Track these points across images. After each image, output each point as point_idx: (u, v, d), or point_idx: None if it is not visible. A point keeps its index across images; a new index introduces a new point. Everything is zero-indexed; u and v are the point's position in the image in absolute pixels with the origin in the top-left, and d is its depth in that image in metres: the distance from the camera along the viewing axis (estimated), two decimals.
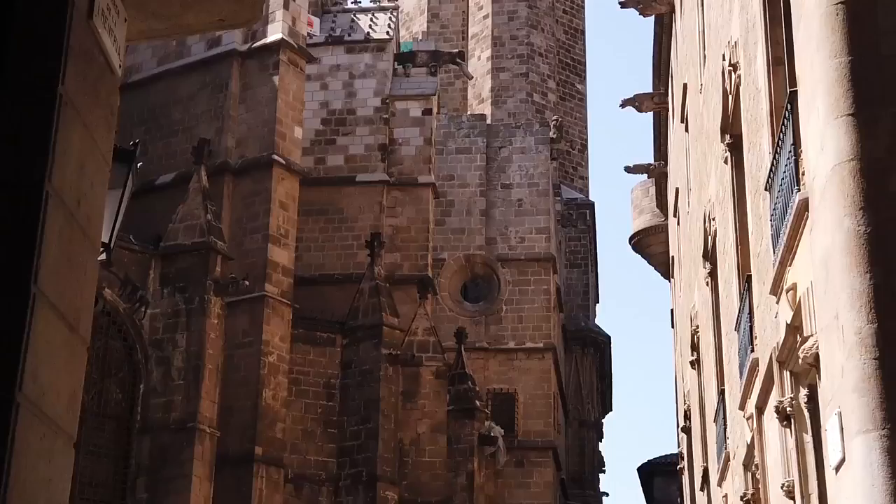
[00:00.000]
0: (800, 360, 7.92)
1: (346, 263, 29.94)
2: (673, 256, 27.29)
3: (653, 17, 23.63)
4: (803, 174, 7.65)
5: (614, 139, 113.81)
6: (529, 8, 45.64)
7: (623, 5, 23.19)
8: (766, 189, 9.31)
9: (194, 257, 22.35)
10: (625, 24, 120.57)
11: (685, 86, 19.52)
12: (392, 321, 26.77)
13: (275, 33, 25.62)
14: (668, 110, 25.21)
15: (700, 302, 17.78)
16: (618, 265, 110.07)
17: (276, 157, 24.83)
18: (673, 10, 22.35)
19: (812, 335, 7.48)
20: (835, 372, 6.62)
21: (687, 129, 19.71)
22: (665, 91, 25.17)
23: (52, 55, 4.29)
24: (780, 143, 8.48)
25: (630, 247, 32.62)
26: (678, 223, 24.03)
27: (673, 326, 29.62)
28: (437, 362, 27.72)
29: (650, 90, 26.23)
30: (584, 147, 47.23)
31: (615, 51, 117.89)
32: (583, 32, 48.59)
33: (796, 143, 7.89)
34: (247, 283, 22.66)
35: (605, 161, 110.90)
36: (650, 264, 32.67)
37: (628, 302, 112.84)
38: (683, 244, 22.36)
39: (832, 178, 6.66)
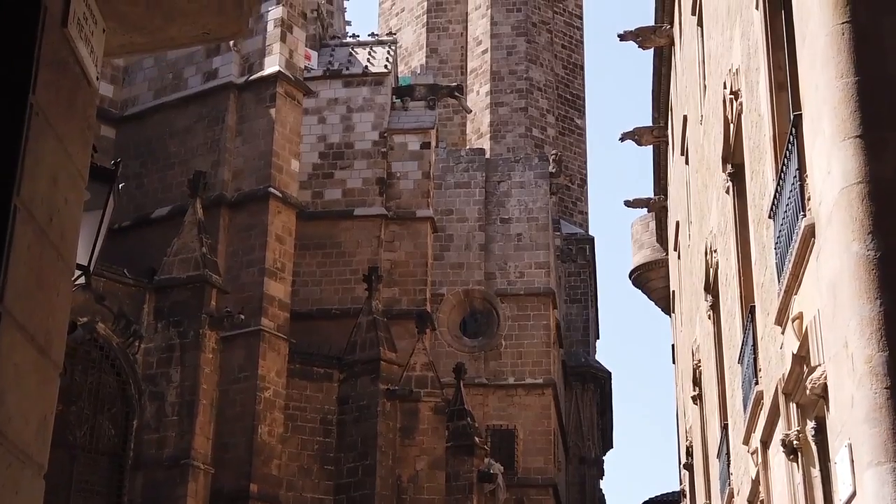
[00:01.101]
0: (807, 392, 7.69)
1: (343, 298, 29.73)
2: (674, 291, 27.14)
3: (652, 49, 23.58)
4: (809, 199, 7.47)
5: (614, 173, 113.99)
6: (528, 43, 45.72)
7: (622, 38, 23.13)
8: (769, 217, 9.12)
9: (189, 291, 22.14)
10: (624, 57, 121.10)
11: (685, 118, 19.42)
12: (390, 356, 26.53)
13: (272, 66, 25.55)
14: (667, 143, 25.13)
15: (702, 335, 17.57)
16: (618, 300, 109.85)
17: (272, 189, 24.68)
18: (672, 43, 22.31)
19: (820, 365, 7.26)
20: (844, 402, 6.41)
21: (687, 162, 19.59)
22: (665, 124, 25.10)
23: (22, 62, 4.09)
24: (784, 168, 8.30)
25: (630, 282, 32.54)
26: (679, 257, 23.89)
27: (674, 362, 29.43)
28: (435, 398, 27.44)
29: (650, 123, 26.14)
30: (584, 182, 47.18)
31: (614, 84, 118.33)
32: (582, 68, 48.66)
33: (801, 168, 7.70)
34: (242, 316, 22.44)
35: (604, 195, 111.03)
36: (650, 299, 32.56)
37: (629, 337, 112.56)
38: (684, 278, 22.20)
39: (839, 202, 6.47)
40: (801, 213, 7.57)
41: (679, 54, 20.78)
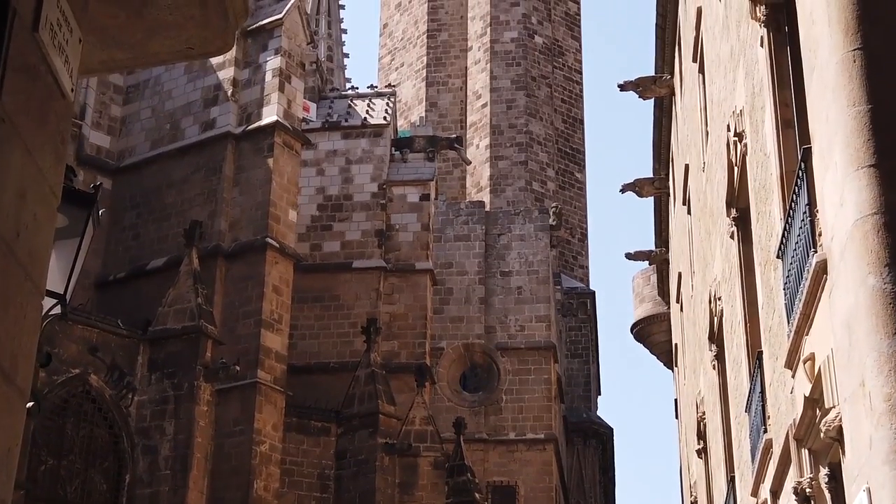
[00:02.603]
0: (821, 435, 7.38)
1: (342, 352, 29.44)
2: (676, 344, 26.96)
3: (652, 100, 23.53)
4: (820, 235, 7.23)
5: (615, 225, 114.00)
6: (528, 97, 45.84)
7: (622, 88, 23.09)
8: (777, 257, 8.89)
9: (184, 342, 21.84)
10: (624, 109, 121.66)
11: (686, 166, 19.31)
12: (389, 409, 26.19)
13: (270, 115, 25.45)
14: (668, 195, 25.05)
15: (706, 387, 17.32)
16: (619, 355, 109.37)
17: (269, 240, 24.45)
18: (672, 93, 22.27)
19: (834, 407, 6.97)
20: (862, 445, 6.11)
21: (689, 212, 19.46)
22: (665, 175, 25.03)
23: None
24: (792, 205, 8.07)
25: (632, 336, 32.35)
26: (681, 309, 23.69)
27: (677, 417, 29.12)
28: (435, 453, 27.05)
29: (650, 175, 26.06)
30: (584, 236, 47.05)
31: (614, 136, 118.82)
32: (581, 122, 48.74)
33: (811, 203, 7.48)
34: (237, 368, 22.10)
35: (605, 248, 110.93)
36: (652, 353, 32.38)
37: (631, 393, 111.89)
38: (687, 329, 21.97)
39: (853, 235, 6.22)
40: (812, 249, 7.35)
41: (680, 103, 20.72)
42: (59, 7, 4.27)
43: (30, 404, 4.08)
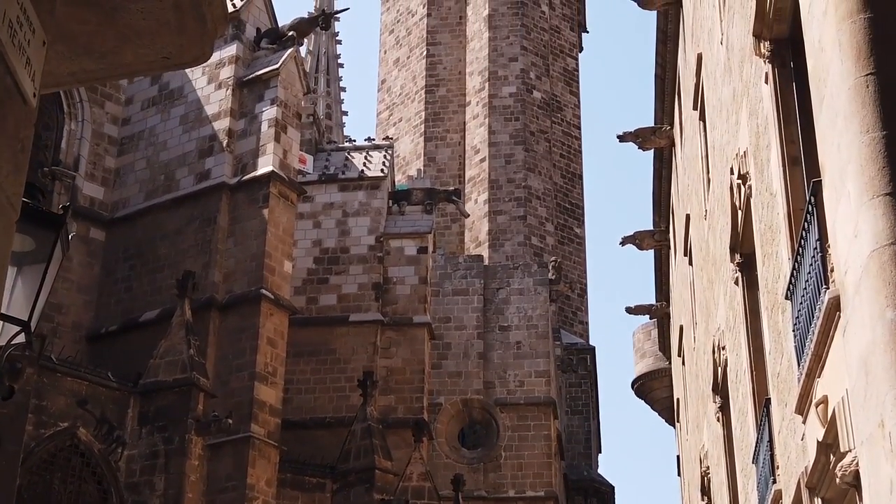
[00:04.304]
0: (836, 481, 7.04)
1: (338, 406, 29.03)
2: (678, 399, 26.69)
3: (652, 151, 23.45)
4: (832, 271, 6.96)
5: (614, 279, 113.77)
6: (526, 151, 45.81)
7: (621, 139, 23.02)
8: (786, 298, 8.63)
9: (175, 395, 21.41)
10: (623, 161, 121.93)
11: (688, 217, 19.17)
12: (385, 465, 25.75)
13: (265, 166, 25.23)
14: (669, 247, 24.93)
15: (710, 440, 17.06)
16: (620, 411, 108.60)
17: (264, 291, 24.12)
18: (672, 144, 22.20)
19: (850, 450, 6.65)
20: (881, 489, 5.81)
21: (691, 262, 19.32)
22: (665, 228, 24.94)
23: None
24: (802, 243, 7.82)
25: (633, 392, 32.13)
26: (683, 363, 23.46)
27: (679, 474, 28.76)
28: None
29: (650, 228, 25.96)
30: (584, 291, 46.81)
31: (614, 191, 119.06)
32: (580, 177, 48.71)
33: (822, 238, 7.22)
34: (230, 421, 21.67)
35: (605, 302, 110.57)
36: (654, 409, 32.19)
37: (632, 450, 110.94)
38: (690, 383, 21.72)
39: (869, 267, 5.94)
40: (824, 286, 7.07)
41: (680, 153, 20.64)
42: (19, 4, 3.97)
43: None
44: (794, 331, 8.41)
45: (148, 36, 4.67)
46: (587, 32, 53.40)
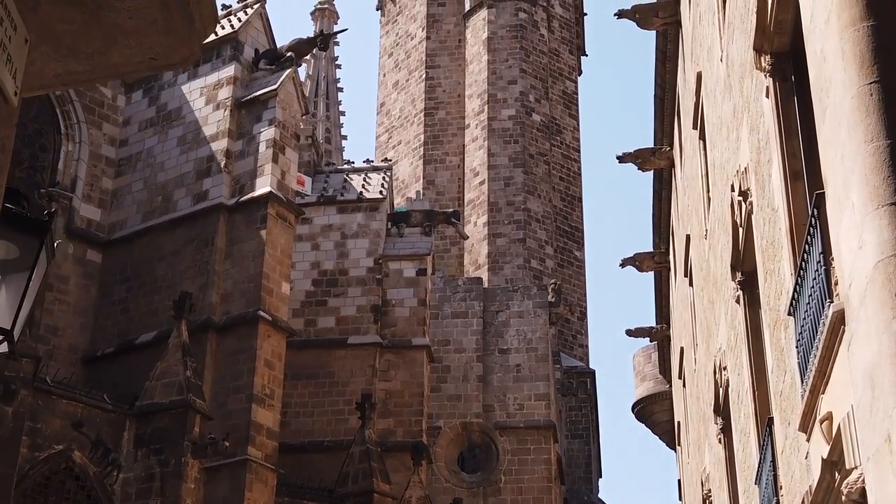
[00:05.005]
0: (842, 499, 6.90)
1: (336, 430, 28.83)
2: (679, 422, 26.55)
3: (651, 172, 23.41)
4: (836, 284, 6.86)
5: (614, 302, 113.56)
6: (526, 174, 45.74)
7: (621, 160, 22.98)
8: (789, 314, 8.52)
9: (172, 417, 21.22)
10: (623, 185, 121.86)
11: (688, 237, 19.11)
12: (384, 488, 25.56)
13: (263, 186, 25.14)
14: (669, 269, 24.86)
15: (712, 462, 16.95)
16: (620, 434, 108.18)
17: (261, 312, 23.97)
18: (672, 165, 22.17)
19: (856, 467, 6.52)
20: None
21: (691, 283, 19.25)
22: (665, 249, 24.89)
23: None
24: (805, 257, 7.72)
25: (633, 415, 31.99)
26: (684, 385, 23.36)
27: (680, 498, 28.56)
28: None
29: (650, 250, 25.90)
30: (584, 314, 46.65)
31: (614, 213, 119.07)
32: (580, 200, 48.65)
33: (826, 252, 7.12)
34: (227, 444, 21.48)
35: (605, 325, 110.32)
36: (654, 433, 32.04)
37: (632, 474, 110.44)
38: (691, 405, 21.61)
39: (875, 278, 5.82)
40: (828, 300, 6.97)
41: (680, 174, 20.61)
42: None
43: None
44: (797, 347, 8.32)
45: (135, 36, 4.54)
46: (586, 56, 53.52)
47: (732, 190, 11.83)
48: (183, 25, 4.50)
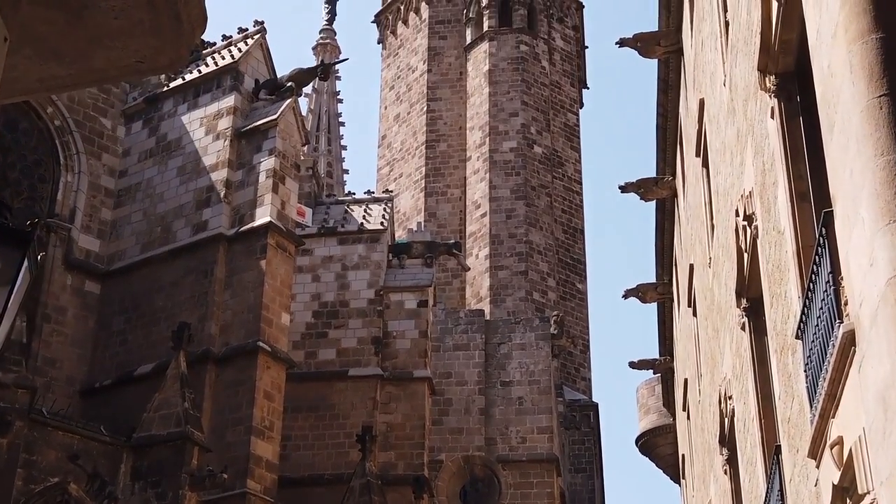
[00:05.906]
0: None
1: (336, 463, 28.57)
2: (683, 455, 26.32)
3: (654, 202, 23.31)
4: (846, 304, 6.69)
5: (617, 334, 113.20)
6: (527, 206, 45.69)
7: (623, 190, 22.85)
8: (796, 337, 8.35)
9: (169, 449, 21.00)
10: (625, 216, 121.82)
11: (691, 266, 18.98)
12: None
13: (263, 216, 25.01)
14: (672, 300, 24.71)
15: (717, 495, 16.76)
16: (624, 468, 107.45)
17: (261, 344, 23.77)
18: (674, 195, 22.06)
19: (869, 492, 6.34)
20: None
21: (695, 313, 19.10)
22: (668, 280, 24.75)
23: None
24: (813, 278, 7.55)
25: (637, 448, 31.80)
26: (688, 417, 23.16)
27: None
28: None
29: (653, 281, 25.77)
30: (586, 347, 46.44)
31: (616, 245, 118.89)
32: (582, 232, 48.57)
33: (835, 272, 6.97)
34: (225, 477, 21.25)
35: (608, 357, 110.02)
36: (658, 467, 31.83)
37: None
38: (695, 437, 21.40)
39: (887, 296, 5.66)
40: (838, 320, 6.79)
41: (683, 203, 20.50)
42: None
43: None
44: (805, 371, 8.16)
45: (120, 37, 4.38)
46: (587, 88, 53.62)
47: (737, 215, 11.70)
48: (170, 26, 4.34)
